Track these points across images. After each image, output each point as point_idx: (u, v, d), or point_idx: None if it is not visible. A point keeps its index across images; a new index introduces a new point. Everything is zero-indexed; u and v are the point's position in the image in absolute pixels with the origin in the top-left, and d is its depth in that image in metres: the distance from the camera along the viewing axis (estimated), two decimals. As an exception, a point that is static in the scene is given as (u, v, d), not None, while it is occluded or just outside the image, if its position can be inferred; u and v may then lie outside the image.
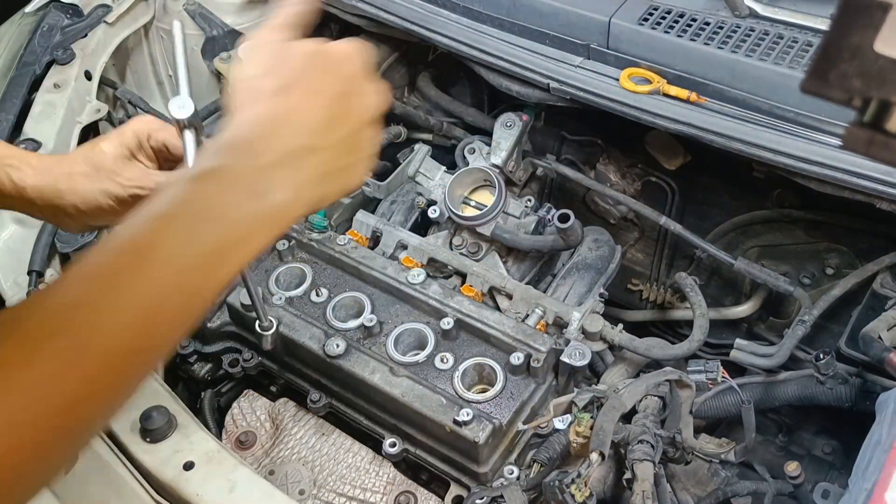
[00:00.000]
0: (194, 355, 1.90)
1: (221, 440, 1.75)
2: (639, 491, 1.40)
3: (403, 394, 1.61)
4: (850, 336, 1.74)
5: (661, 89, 1.77)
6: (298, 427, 1.74)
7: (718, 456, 1.63)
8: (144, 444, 1.54)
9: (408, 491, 1.64)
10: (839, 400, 1.70)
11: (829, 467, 1.93)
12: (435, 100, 2.37)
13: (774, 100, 1.68)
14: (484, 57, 1.96)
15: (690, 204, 2.24)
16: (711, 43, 1.74)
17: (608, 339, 1.75)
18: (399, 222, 2.04)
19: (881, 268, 1.81)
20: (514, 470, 1.58)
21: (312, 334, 1.73)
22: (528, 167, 2.17)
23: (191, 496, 1.47)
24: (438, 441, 1.61)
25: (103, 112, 2.14)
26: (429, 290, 1.77)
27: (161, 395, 1.62)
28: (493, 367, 1.65)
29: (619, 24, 1.82)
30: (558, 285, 1.91)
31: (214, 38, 2.31)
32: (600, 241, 1.99)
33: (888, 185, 1.56)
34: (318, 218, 1.94)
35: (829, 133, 1.63)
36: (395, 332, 1.73)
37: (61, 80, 2.10)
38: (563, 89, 1.84)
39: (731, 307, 2.15)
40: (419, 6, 2.07)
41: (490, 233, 1.93)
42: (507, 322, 1.70)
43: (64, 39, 2.17)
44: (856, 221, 1.95)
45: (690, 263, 2.27)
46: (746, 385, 1.79)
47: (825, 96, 0.66)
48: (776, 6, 1.78)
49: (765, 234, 2.13)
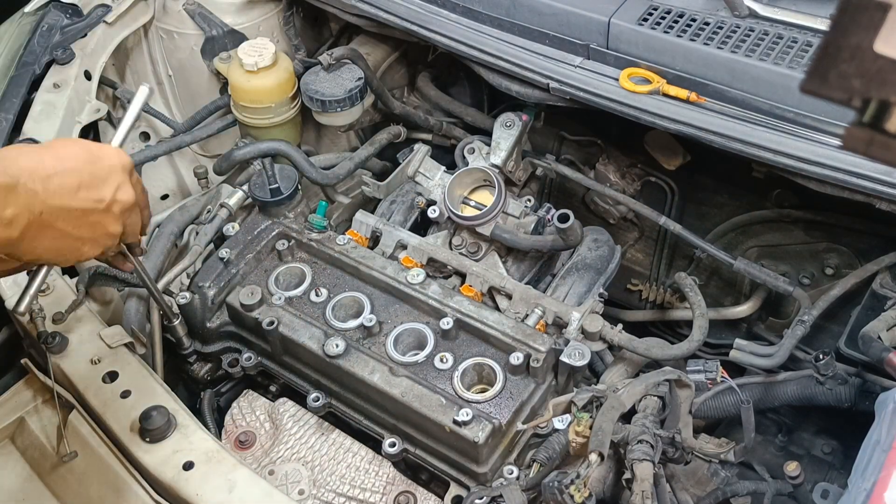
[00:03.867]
0: (194, 355, 1.91)
1: (221, 440, 1.75)
2: (638, 491, 1.40)
3: (403, 394, 1.61)
4: (850, 336, 1.74)
5: (660, 89, 1.77)
6: (298, 427, 1.74)
7: (718, 456, 1.63)
8: (144, 444, 1.54)
9: (407, 491, 1.64)
10: (839, 400, 1.71)
11: (828, 467, 1.93)
12: (435, 100, 2.37)
13: (774, 100, 1.68)
14: (484, 57, 1.96)
15: (690, 204, 2.24)
16: (711, 43, 1.74)
17: (608, 339, 1.75)
18: (399, 222, 2.04)
19: (881, 268, 1.81)
20: (513, 470, 1.58)
21: (312, 334, 1.73)
22: (527, 167, 2.17)
23: (190, 496, 1.47)
24: (438, 441, 1.61)
25: (103, 112, 2.15)
26: (428, 290, 1.77)
27: (161, 395, 1.62)
28: (492, 367, 1.65)
29: (618, 24, 1.82)
30: (558, 285, 1.91)
31: (214, 38, 2.31)
32: (600, 241, 1.99)
33: (888, 185, 1.56)
34: (317, 218, 1.94)
35: (828, 133, 1.63)
36: (395, 332, 1.73)
37: (61, 80, 2.10)
38: (562, 89, 1.85)
39: (730, 307, 2.16)
40: (419, 6, 2.07)
41: (490, 233, 1.93)
42: (506, 322, 1.70)
43: (63, 39, 2.17)
44: (855, 221, 1.95)
45: (690, 263, 2.27)
46: (746, 385, 1.79)
47: (825, 96, 0.66)
48: (776, 6, 1.78)
49: (764, 235, 2.13)
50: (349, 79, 2.13)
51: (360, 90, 2.13)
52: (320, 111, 2.15)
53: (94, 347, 1.70)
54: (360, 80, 2.13)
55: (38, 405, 1.69)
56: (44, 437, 1.64)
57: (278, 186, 1.94)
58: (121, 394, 1.62)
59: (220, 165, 2.10)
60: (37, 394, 1.71)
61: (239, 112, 2.21)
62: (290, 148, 2.05)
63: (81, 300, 1.78)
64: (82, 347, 1.70)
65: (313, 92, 2.12)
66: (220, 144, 2.42)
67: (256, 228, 1.94)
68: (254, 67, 2.12)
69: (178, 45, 2.36)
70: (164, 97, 2.45)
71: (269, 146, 2.06)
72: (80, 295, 1.78)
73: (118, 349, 1.69)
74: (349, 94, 2.11)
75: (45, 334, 1.67)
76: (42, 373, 1.68)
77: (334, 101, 2.11)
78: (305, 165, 2.03)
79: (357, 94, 2.12)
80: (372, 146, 2.20)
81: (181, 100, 2.45)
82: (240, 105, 2.19)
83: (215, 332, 1.88)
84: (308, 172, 2.03)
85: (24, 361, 1.72)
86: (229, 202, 2.01)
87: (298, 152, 2.05)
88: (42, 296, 1.77)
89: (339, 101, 2.11)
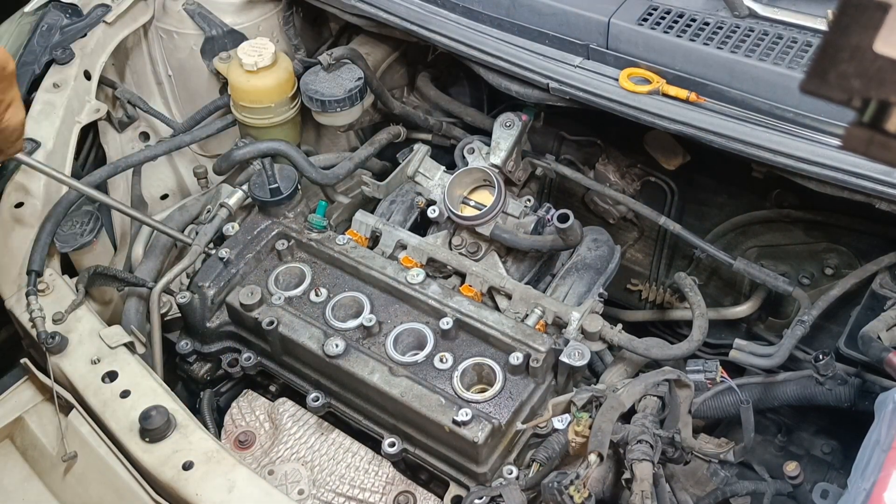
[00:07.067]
0: (193, 355, 1.90)
1: (220, 440, 1.75)
2: (638, 491, 1.40)
3: (402, 394, 1.61)
4: (850, 336, 1.74)
5: (660, 89, 1.77)
6: (297, 427, 1.74)
7: (717, 456, 1.63)
8: (144, 444, 1.54)
9: (407, 491, 1.64)
10: (838, 400, 1.70)
11: (828, 467, 1.93)
12: (434, 100, 2.37)
13: (774, 100, 1.68)
14: (483, 57, 1.96)
15: (690, 204, 2.24)
16: (711, 43, 1.74)
17: (607, 339, 1.75)
18: (398, 222, 2.04)
19: (880, 268, 1.81)
20: (513, 469, 1.58)
21: (311, 334, 1.73)
22: (527, 167, 2.17)
23: (190, 496, 1.47)
24: (437, 441, 1.61)
25: (102, 112, 2.15)
26: (428, 290, 1.77)
27: (160, 394, 1.62)
28: (492, 367, 1.65)
29: (618, 24, 1.82)
30: (557, 285, 1.91)
31: (214, 38, 2.31)
32: (599, 241, 1.99)
33: (887, 185, 1.56)
34: (317, 218, 1.94)
35: (828, 133, 1.63)
36: (395, 331, 1.73)
37: (60, 80, 2.10)
38: (562, 89, 1.85)
39: (730, 307, 2.16)
40: (419, 6, 2.07)
41: (489, 233, 1.93)
42: (506, 322, 1.70)
43: (63, 39, 2.17)
44: (855, 221, 1.95)
45: (690, 263, 2.27)
46: (745, 385, 1.79)
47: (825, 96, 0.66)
48: (775, 6, 1.78)
49: (764, 235, 2.13)
50: (349, 79, 2.13)
51: (360, 90, 2.13)
52: (320, 111, 2.15)
53: (93, 347, 1.70)
54: (359, 80, 2.13)
55: (37, 405, 1.69)
56: (44, 437, 1.64)
57: (278, 186, 1.94)
58: (120, 394, 1.62)
59: (219, 165, 2.10)
60: (36, 394, 1.71)
61: (238, 112, 2.21)
62: (289, 148, 2.05)
63: (81, 300, 1.78)
64: (82, 347, 1.70)
65: (313, 92, 2.12)
66: (219, 144, 2.42)
67: (256, 228, 1.94)
68: (253, 67, 2.12)
69: (178, 45, 2.36)
70: (164, 97, 2.45)
71: (268, 146, 2.06)
72: (79, 295, 1.78)
73: (118, 349, 1.69)
74: (349, 94, 2.11)
75: (45, 334, 1.67)
76: (42, 373, 1.68)
77: (334, 101, 2.11)
78: (305, 165, 2.03)
79: (357, 94, 2.12)
80: (372, 146, 2.20)
81: (181, 100, 2.45)
82: (239, 105, 2.19)
83: (215, 332, 1.88)
84: (308, 172, 2.03)
85: (23, 361, 1.72)
86: (229, 202, 2.01)
87: (298, 152, 2.05)
88: (42, 296, 1.77)
89: (338, 101, 2.11)
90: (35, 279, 1.78)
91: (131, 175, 2.25)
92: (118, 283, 1.93)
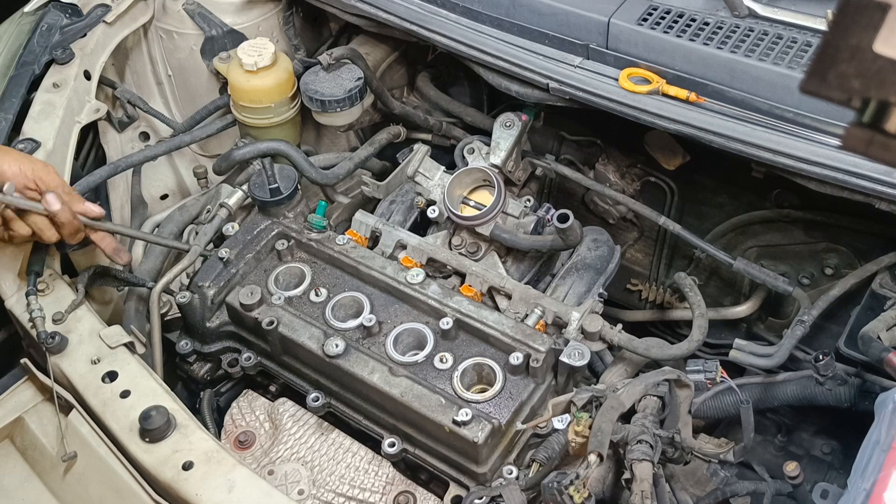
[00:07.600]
0: (193, 355, 1.90)
1: (220, 440, 1.75)
2: (638, 491, 1.40)
3: (402, 394, 1.61)
4: (850, 336, 1.74)
5: (660, 89, 1.77)
6: (297, 427, 1.74)
7: (717, 456, 1.63)
8: (143, 444, 1.54)
9: (407, 491, 1.64)
10: (838, 400, 1.70)
11: (827, 467, 1.93)
12: (434, 100, 2.37)
13: (774, 100, 1.68)
14: (483, 57, 1.96)
15: (689, 204, 2.24)
16: (711, 43, 1.74)
17: (607, 339, 1.75)
18: (398, 222, 2.04)
19: (880, 268, 1.81)
20: (513, 470, 1.58)
21: (311, 334, 1.73)
22: (527, 167, 2.17)
23: (190, 496, 1.47)
24: (437, 441, 1.61)
25: (102, 112, 2.14)
26: (428, 289, 1.77)
27: (160, 394, 1.62)
28: (492, 367, 1.65)
29: (618, 24, 1.82)
30: (557, 285, 1.91)
31: (214, 38, 2.31)
32: (599, 241, 1.99)
33: (887, 185, 1.56)
34: (317, 218, 1.94)
35: (828, 133, 1.63)
36: (395, 331, 1.73)
37: (60, 80, 2.10)
38: (562, 89, 1.85)
39: (730, 307, 2.15)
40: (419, 6, 2.07)
41: (489, 233, 1.93)
42: (506, 322, 1.70)
43: (63, 39, 2.17)
44: (855, 221, 1.95)
45: (689, 263, 2.27)
46: (745, 385, 1.79)
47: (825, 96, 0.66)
48: (775, 6, 1.78)
49: (764, 235, 2.13)
50: (349, 79, 2.13)
51: (360, 90, 2.13)
52: (320, 111, 2.15)
53: (93, 347, 1.69)
54: (359, 80, 2.13)
55: (37, 405, 1.69)
56: (43, 437, 1.64)
57: (278, 186, 1.94)
58: (120, 394, 1.62)
59: (219, 165, 2.10)
60: (36, 394, 1.71)
61: (238, 112, 2.21)
62: (289, 148, 2.05)
63: (81, 300, 1.78)
64: (82, 347, 1.70)
65: (313, 92, 2.12)
66: (219, 144, 2.42)
67: (256, 228, 1.94)
68: (253, 67, 2.12)
69: (178, 44, 2.36)
70: (164, 97, 2.45)
71: (268, 146, 2.06)
72: (79, 295, 1.78)
73: (118, 349, 1.69)
74: (349, 94, 2.11)
75: (45, 334, 1.66)
76: (42, 373, 1.68)
77: (334, 101, 2.11)
78: (305, 165, 2.03)
79: (357, 94, 2.12)
80: (371, 146, 2.20)
81: (181, 100, 2.45)
82: (239, 105, 2.19)
83: (215, 332, 1.88)
84: (308, 172, 2.03)
85: (23, 361, 1.72)
86: (229, 202, 2.01)
87: (298, 152, 2.05)
88: (42, 296, 1.77)
89: (338, 101, 2.11)
90: (35, 279, 1.78)
91: (131, 175, 2.25)
92: (118, 283, 1.93)
